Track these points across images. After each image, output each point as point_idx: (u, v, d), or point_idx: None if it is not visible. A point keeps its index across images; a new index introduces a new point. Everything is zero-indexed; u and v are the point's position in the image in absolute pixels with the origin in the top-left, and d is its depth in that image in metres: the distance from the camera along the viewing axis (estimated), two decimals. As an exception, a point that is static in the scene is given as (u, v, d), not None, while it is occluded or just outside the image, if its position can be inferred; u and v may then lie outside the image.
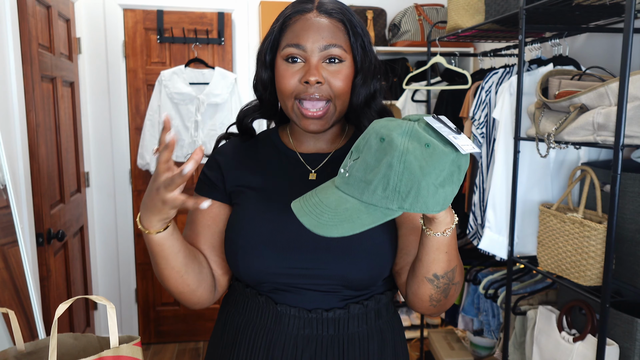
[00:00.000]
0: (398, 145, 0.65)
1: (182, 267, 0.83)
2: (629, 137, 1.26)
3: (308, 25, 0.85)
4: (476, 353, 2.32)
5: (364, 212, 0.66)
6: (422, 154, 0.65)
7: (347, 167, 0.70)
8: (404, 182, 0.64)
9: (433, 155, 0.65)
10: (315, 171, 0.92)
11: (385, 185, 0.65)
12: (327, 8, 0.87)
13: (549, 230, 1.53)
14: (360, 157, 0.69)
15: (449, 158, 0.66)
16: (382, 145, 0.66)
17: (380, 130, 0.68)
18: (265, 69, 0.92)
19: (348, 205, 0.67)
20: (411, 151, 0.65)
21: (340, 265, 0.83)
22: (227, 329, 0.93)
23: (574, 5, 1.49)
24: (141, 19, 2.78)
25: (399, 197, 0.65)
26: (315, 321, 0.85)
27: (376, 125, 0.70)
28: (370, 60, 0.89)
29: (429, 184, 0.65)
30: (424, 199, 0.65)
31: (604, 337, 1.30)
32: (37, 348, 0.86)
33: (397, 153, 0.65)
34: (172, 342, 3.06)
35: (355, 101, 0.89)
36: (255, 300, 0.89)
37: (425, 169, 0.64)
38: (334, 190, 0.71)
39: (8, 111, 1.69)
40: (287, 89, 0.86)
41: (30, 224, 1.80)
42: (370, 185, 0.66)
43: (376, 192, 0.66)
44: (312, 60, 0.84)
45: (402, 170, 0.64)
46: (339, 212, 0.67)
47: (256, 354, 0.86)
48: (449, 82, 2.52)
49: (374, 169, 0.66)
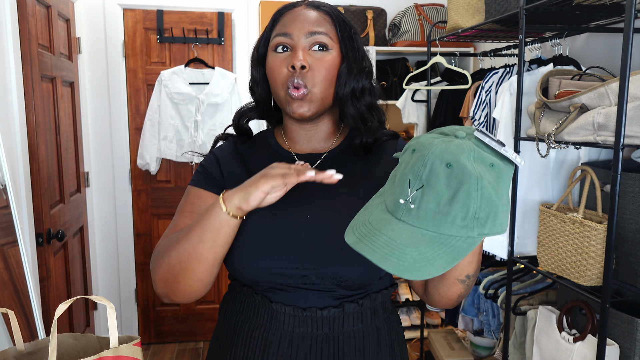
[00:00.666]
0: (471, 171, 0.62)
1: (221, 258, 0.83)
2: (629, 137, 1.26)
3: (295, 16, 0.89)
4: (476, 353, 2.32)
5: (446, 245, 0.63)
6: (491, 175, 0.63)
7: (409, 198, 0.65)
8: (483, 208, 0.63)
9: (500, 175, 0.64)
10: None
11: (465, 214, 0.62)
12: (315, 3, 0.92)
13: (549, 230, 1.53)
14: (425, 186, 0.64)
15: (511, 173, 0.66)
16: (452, 172, 0.62)
17: (444, 155, 0.63)
18: (258, 65, 0.95)
19: (427, 241, 0.63)
20: (483, 175, 0.62)
21: (335, 266, 0.84)
22: (226, 327, 0.94)
23: (574, 5, 1.49)
24: (141, 18, 2.78)
25: (479, 223, 0.63)
26: (310, 320, 0.86)
27: (433, 148, 0.64)
28: (357, 52, 0.91)
29: (503, 204, 0.64)
30: (500, 221, 0.64)
31: (604, 337, 1.30)
32: (37, 348, 0.86)
33: (473, 180, 0.62)
34: (172, 342, 3.06)
35: (340, 91, 0.90)
36: (251, 299, 0.89)
37: (498, 191, 0.64)
38: (401, 225, 0.65)
39: (8, 111, 1.69)
40: (278, 77, 0.88)
41: (30, 224, 1.80)
42: (449, 217, 0.63)
43: (455, 222, 0.63)
44: (297, 46, 0.87)
45: (480, 197, 0.62)
46: (421, 252, 0.63)
47: (253, 351, 0.87)
48: (449, 82, 2.52)
49: (451, 200, 0.62)
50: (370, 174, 0.93)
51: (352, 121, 0.92)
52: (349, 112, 0.91)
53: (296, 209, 0.87)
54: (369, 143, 0.93)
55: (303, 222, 0.86)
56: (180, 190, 2.94)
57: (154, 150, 2.76)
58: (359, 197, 0.87)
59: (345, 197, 0.88)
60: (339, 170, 0.84)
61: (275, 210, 0.87)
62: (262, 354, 0.86)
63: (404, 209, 0.65)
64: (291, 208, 0.87)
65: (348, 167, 0.93)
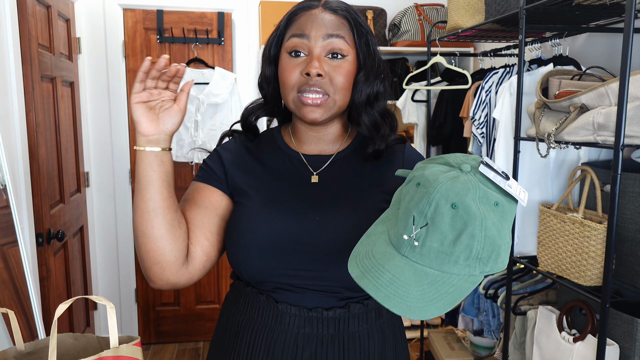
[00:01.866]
0: (476, 213, 0.63)
1: (160, 206, 0.82)
2: (629, 137, 1.26)
3: (312, 18, 0.88)
4: (476, 353, 2.32)
5: (448, 284, 0.64)
6: (495, 215, 0.64)
7: (413, 235, 0.65)
8: (486, 249, 0.63)
9: (504, 214, 0.65)
10: (317, 173, 0.92)
11: (468, 254, 0.63)
12: (332, 6, 0.90)
13: (549, 230, 1.53)
14: (430, 224, 0.64)
15: (514, 210, 0.66)
16: (457, 213, 0.63)
17: (449, 195, 0.63)
18: (269, 64, 0.93)
19: (430, 279, 0.64)
20: (487, 217, 0.63)
21: (341, 268, 0.83)
22: (229, 327, 0.93)
23: (574, 5, 1.49)
24: (141, 18, 2.78)
25: (481, 263, 0.64)
26: (316, 320, 0.86)
27: (439, 187, 0.64)
28: (374, 59, 0.91)
29: (505, 243, 0.65)
30: (502, 258, 0.65)
31: (604, 337, 1.30)
32: (36, 348, 0.86)
33: (478, 223, 0.62)
34: (172, 342, 3.06)
35: (356, 98, 0.90)
36: (256, 299, 0.89)
37: (501, 232, 0.64)
38: (405, 262, 0.66)
39: (8, 111, 1.69)
40: (290, 81, 0.87)
41: (30, 224, 1.80)
42: (452, 257, 0.63)
43: (458, 262, 0.64)
44: (314, 51, 0.86)
45: (483, 239, 0.63)
46: (425, 292, 0.63)
47: (257, 352, 0.87)
48: (449, 82, 2.52)
49: (455, 240, 0.63)
50: (379, 179, 0.92)
51: (366, 130, 0.92)
52: (363, 122, 0.91)
53: (305, 211, 0.87)
54: (380, 150, 0.93)
55: (312, 224, 0.86)
56: (180, 190, 2.93)
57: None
58: (368, 201, 0.88)
59: (354, 201, 0.88)
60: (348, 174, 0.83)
61: (284, 211, 0.87)
62: (266, 355, 0.86)
63: (408, 245, 0.66)
64: (300, 210, 0.87)
65: (357, 170, 0.93)
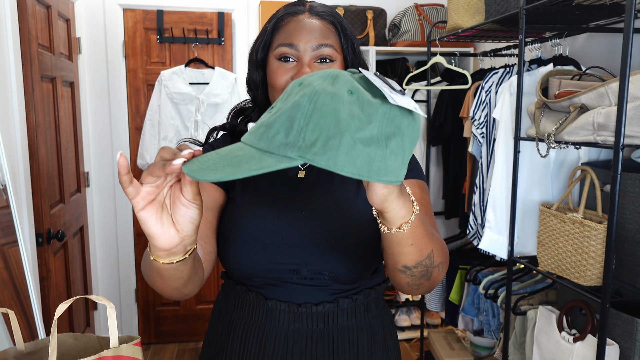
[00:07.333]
0: (314, 86, 0.54)
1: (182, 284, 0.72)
2: (629, 137, 1.26)
3: (301, 26, 0.88)
4: (476, 353, 2.32)
5: (256, 158, 0.53)
6: (341, 99, 0.53)
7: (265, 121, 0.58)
8: (311, 127, 0.52)
9: (354, 103, 0.54)
10: (304, 169, 0.93)
11: (289, 129, 0.53)
12: (318, 10, 0.91)
13: (549, 230, 1.53)
14: (275, 106, 0.57)
15: (377, 110, 0.54)
16: (298, 88, 0.56)
17: (304, 77, 0.58)
18: (257, 69, 0.94)
19: (240, 153, 0.55)
20: (328, 92, 0.53)
21: (327, 260, 0.85)
22: (220, 326, 0.94)
23: (574, 5, 1.49)
24: (141, 19, 2.78)
25: (303, 144, 0.52)
26: (305, 315, 0.87)
27: (314, 84, 0.57)
28: (359, 62, 0.93)
29: (342, 132, 0.52)
30: (333, 152, 0.52)
31: (604, 337, 1.30)
32: (37, 348, 0.86)
33: (309, 91, 0.53)
34: (172, 342, 3.06)
35: None
36: (246, 297, 0.90)
37: (340, 113, 0.52)
38: (235, 143, 0.60)
39: (8, 111, 1.69)
40: (279, 85, 0.88)
41: (30, 224, 1.80)
42: (271, 129, 0.54)
43: (276, 137, 0.53)
44: (304, 59, 0.87)
45: (310, 112, 0.52)
46: (227, 158, 0.54)
47: (248, 349, 0.88)
48: (449, 82, 2.53)
49: (278, 111, 0.55)
50: None
51: None
52: None
53: (292, 205, 0.88)
54: None
55: (298, 217, 0.87)
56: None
57: (154, 150, 2.76)
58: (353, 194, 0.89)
59: (340, 194, 0.89)
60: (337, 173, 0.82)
61: (271, 205, 0.88)
62: (257, 352, 0.87)
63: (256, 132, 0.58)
64: (287, 203, 0.88)
65: None
